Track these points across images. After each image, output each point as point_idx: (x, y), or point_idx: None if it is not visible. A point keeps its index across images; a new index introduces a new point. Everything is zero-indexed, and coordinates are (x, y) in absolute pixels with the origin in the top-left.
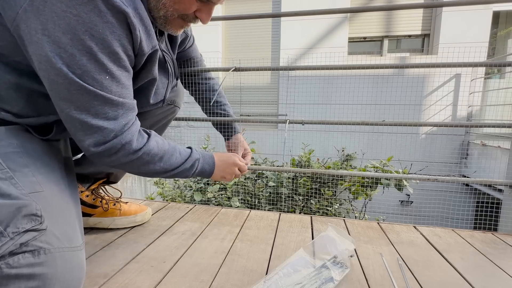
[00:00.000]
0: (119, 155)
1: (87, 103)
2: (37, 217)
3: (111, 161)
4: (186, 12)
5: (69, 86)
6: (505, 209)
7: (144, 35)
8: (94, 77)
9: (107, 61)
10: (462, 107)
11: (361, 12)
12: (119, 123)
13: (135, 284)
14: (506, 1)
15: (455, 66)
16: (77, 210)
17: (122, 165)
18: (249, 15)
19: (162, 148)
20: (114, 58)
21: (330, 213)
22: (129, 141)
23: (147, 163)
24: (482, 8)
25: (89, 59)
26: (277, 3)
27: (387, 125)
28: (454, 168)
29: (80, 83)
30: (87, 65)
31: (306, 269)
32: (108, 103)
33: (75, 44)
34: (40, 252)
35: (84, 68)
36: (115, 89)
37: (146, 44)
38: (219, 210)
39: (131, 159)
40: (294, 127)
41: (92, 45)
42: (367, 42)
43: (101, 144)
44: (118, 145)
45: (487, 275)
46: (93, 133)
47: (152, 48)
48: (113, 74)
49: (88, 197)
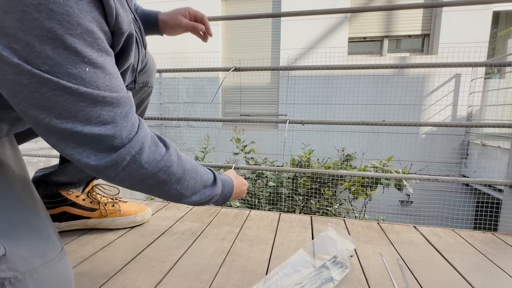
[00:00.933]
0: (129, 171)
1: (71, 106)
2: None
3: (119, 179)
4: None
5: (39, 86)
6: (505, 209)
7: (120, 6)
8: (69, 71)
9: (81, 46)
10: (462, 107)
11: (361, 12)
12: (120, 126)
13: (135, 284)
14: (506, 1)
15: (455, 66)
16: (44, 212)
17: (132, 184)
18: (249, 15)
19: (183, 166)
20: (90, 40)
21: (330, 213)
22: (139, 151)
23: (162, 183)
24: (482, 8)
25: (54, 47)
26: (277, 3)
27: (387, 125)
28: (454, 168)
29: (54, 80)
30: (55, 56)
31: (306, 269)
32: (99, 102)
33: (28, 28)
34: (4, 284)
35: (52, 61)
36: (102, 82)
37: (124, 19)
38: (219, 210)
39: (143, 175)
40: (294, 127)
41: (54, 25)
42: (367, 42)
43: (103, 157)
44: (127, 156)
45: (487, 275)
46: (88, 144)
47: (129, 23)
48: (94, 63)
49: (85, 200)
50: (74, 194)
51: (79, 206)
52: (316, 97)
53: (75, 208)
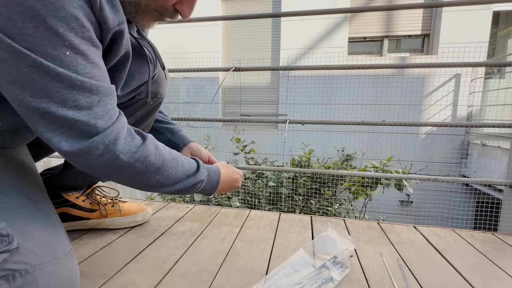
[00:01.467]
0: (104, 160)
1: (46, 85)
2: (3, 237)
3: (94, 167)
4: (165, 3)
5: (17, 62)
6: (505, 209)
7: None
8: (48, 51)
9: (63, 29)
10: (462, 107)
11: (361, 12)
12: (95, 114)
13: (135, 284)
14: (506, 1)
15: (455, 66)
16: (55, 214)
17: (108, 174)
18: (249, 15)
19: (161, 157)
20: (74, 26)
21: (330, 213)
22: (113, 141)
23: (140, 173)
24: (482, 8)
25: (36, 26)
26: (277, 3)
27: (387, 125)
28: (454, 168)
29: (33, 57)
30: (35, 35)
31: (306, 269)
32: (77, 87)
33: (12, 4)
34: (15, 276)
35: (32, 39)
36: (82, 68)
37: (111, 15)
38: (219, 210)
39: (119, 166)
40: (294, 127)
41: (37, 5)
42: (367, 42)
43: (74, 143)
44: (100, 145)
45: (487, 275)
46: (60, 128)
47: (118, 23)
48: (75, 48)
49: (85, 201)
50: (74, 196)
51: (79, 207)
52: (316, 97)
53: (75, 209)
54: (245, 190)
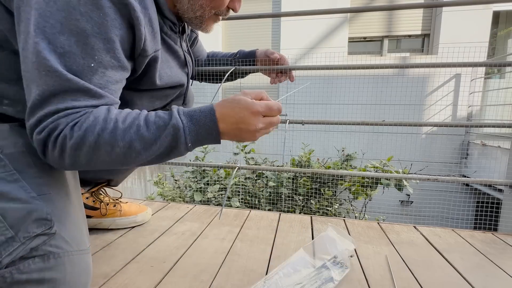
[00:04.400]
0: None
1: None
2: (47, 221)
3: (60, 155)
4: (222, 7)
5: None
6: (505, 209)
7: (150, 35)
8: (76, 60)
9: (98, 47)
10: (462, 107)
11: (361, 12)
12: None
13: (135, 284)
14: (506, 1)
15: (455, 66)
16: (82, 212)
17: (73, 156)
18: (249, 15)
19: (113, 119)
20: (109, 47)
21: (330, 213)
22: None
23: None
24: (482, 8)
25: (78, 40)
26: (277, 3)
27: (387, 125)
28: (454, 168)
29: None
30: (74, 46)
31: (306, 269)
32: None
33: (67, 24)
34: (49, 257)
35: (69, 48)
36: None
37: (150, 45)
38: (219, 210)
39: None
40: (294, 127)
41: (87, 27)
42: (367, 42)
43: (46, 128)
44: (60, 126)
45: (487, 275)
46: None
47: (155, 51)
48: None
49: (88, 199)
50: None
51: None
52: (316, 97)
53: None
54: (245, 190)
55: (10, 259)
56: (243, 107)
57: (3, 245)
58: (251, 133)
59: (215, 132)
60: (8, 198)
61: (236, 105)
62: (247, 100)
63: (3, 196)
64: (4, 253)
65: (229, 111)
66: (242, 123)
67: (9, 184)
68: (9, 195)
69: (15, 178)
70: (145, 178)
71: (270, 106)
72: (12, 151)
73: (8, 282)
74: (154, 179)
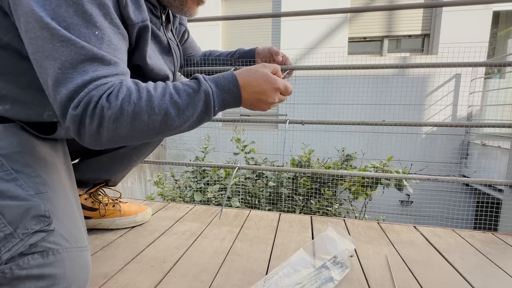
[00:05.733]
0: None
1: (73, 57)
2: (45, 218)
3: (99, 128)
4: None
5: (53, 39)
6: (505, 209)
7: (132, 2)
8: (80, 30)
9: (96, 14)
10: (462, 107)
11: (361, 12)
12: (106, 81)
13: (135, 284)
14: (506, 1)
15: (455, 66)
16: (80, 211)
17: (132, 126)
18: (249, 15)
19: (145, 88)
20: (105, 12)
21: (330, 213)
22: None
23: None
24: (482, 8)
25: (76, 10)
26: (277, 3)
27: (387, 125)
28: (454, 168)
29: (65, 34)
30: (74, 17)
31: (306, 269)
32: (97, 59)
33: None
34: (48, 253)
35: (70, 20)
36: (105, 47)
37: (134, 13)
38: (219, 210)
39: (124, 110)
40: (294, 127)
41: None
42: (367, 42)
43: (80, 102)
44: (95, 97)
45: (487, 275)
46: (79, 89)
47: (142, 20)
48: (103, 29)
49: (87, 200)
50: None
51: None
52: (316, 97)
53: None
54: (245, 190)
55: (10, 255)
56: (267, 81)
57: (2, 241)
58: (267, 104)
59: (237, 97)
60: (6, 196)
61: (260, 77)
62: (270, 74)
63: (1, 194)
64: (4, 249)
65: (252, 81)
66: (263, 94)
67: (6, 183)
68: (7, 193)
69: (12, 177)
70: (145, 178)
71: (287, 87)
72: (8, 151)
73: (8, 278)
74: (154, 179)
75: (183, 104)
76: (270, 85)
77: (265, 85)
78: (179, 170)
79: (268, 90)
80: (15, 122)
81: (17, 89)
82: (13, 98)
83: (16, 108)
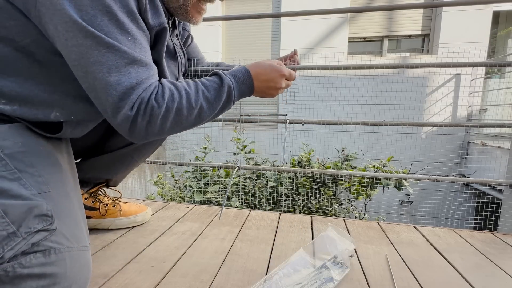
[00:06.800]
0: (162, 108)
1: (118, 61)
2: (47, 217)
3: (148, 125)
4: None
5: (98, 46)
6: (505, 209)
7: (151, 7)
8: (117, 37)
9: (126, 20)
10: (462, 107)
11: (361, 12)
12: (149, 82)
13: (135, 284)
14: (506, 1)
15: (455, 66)
16: (82, 211)
17: (174, 120)
18: (249, 15)
19: (182, 86)
20: (132, 18)
21: (330, 213)
22: (152, 91)
23: (189, 102)
24: (482, 8)
25: (110, 19)
26: (277, 3)
27: (387, 125)
28: (454, 168)
29: (109, 41)
30: (109, 25)
31: (306, 269)
32: (137, 62)
33: (95, 5)
34: (50, 252)
35: (107, 28)
36: (138, 49)
37: (152, 17)
38: (219, 210)
39: (170, 108)
40: (294, 127)
41: (111, 4)
42: (367, 42)
43: (135, 104)
44: (145, 99)
45: (487, 275)
46: (126, 94)
47: (159, 24)
48: (134, 34)
49: (87, 199)
50: None
51: None
52: (316, 97)
53: None
54: (245, 190)
55: (12, 254)
56: (274, 69)
57: (5, 240)
58: (276, 90)
59: (251, 87)
60: (10, 195)
61: (268, 67)
62: (276, 64)
63: (4, 193)
64: (6, 247)
65: (261, 71)
66: (272, 81)
67: (10, 182)
68: (10, 192)
69: (16, 176)
70: (145, 178)
71: (291, 73)
72: (13, 151)
73: (11, 276)
74: (154, 179)
75: (212, 98)
76: (277, 73)
77: (273, 73)
78: (179, 170)
79: (276, 77)
80: (20, 123)
81: (27, 91)
82: (22, 99)
83: (24, 109)
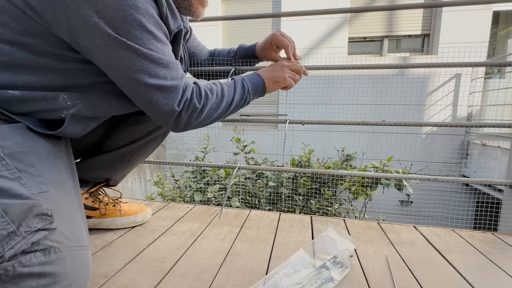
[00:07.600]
0: (201, 104)
1: (156, 67)
2: (47, 216)
3: (197, 116)
4: None
5: (137, 56)
6: (505, 209)
7: (170, 14)
8: (150, 47)
9: (155, 29)
10: (462, 107)
11: (361, 12)
12: (183, 80)
13: (135, 284)
14: (506, 1)
15: (455, 66)
16: (81, 211)
17: (207, 114)
18: (249, 15)
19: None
20: (158, 27)
21: (330, 213)
22: (192, 91)
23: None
24: (482, 8)
25: (142, 31)
26: (277, 3)
27: (387, 125)
28: (454, 168)
29: (145, 51)
30: (142, 38)
31: (306, 269)
32: (170, 65)
33: (127, 20)
34: (50, 251)
35: (141, 41)
36: (168, 54)
37: (172, 22)
38: (219, 210)
39: (206, 104)
40: (294, 127)
41: (141, 18)
42: (367, 42)
43: (181, 102)
44: (188, 96)
45: (487, 275)
46: (171, 93)
47: (177, 27)
48: (161, 41)
49: (87, 199)
50: None
51: None
52: (316, 97)
53: None
54: (245, 190)
55: (12, 253)
56: (276, 65)
57: (5, 239)
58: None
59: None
60: (10, 195)
61: (272, 66)
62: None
63: (4, 192)
64: (6, 246)
65: (268, 69)
66: (276, 65)
67: (10, 181)
68: (10, 192)
69: (16, 176)
70: (145, 178)
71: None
72: (13, 151)
73: (11, 275)
74: (154, 179)
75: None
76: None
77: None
78: (179, 170)
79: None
80: (20, 123)
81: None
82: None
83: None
